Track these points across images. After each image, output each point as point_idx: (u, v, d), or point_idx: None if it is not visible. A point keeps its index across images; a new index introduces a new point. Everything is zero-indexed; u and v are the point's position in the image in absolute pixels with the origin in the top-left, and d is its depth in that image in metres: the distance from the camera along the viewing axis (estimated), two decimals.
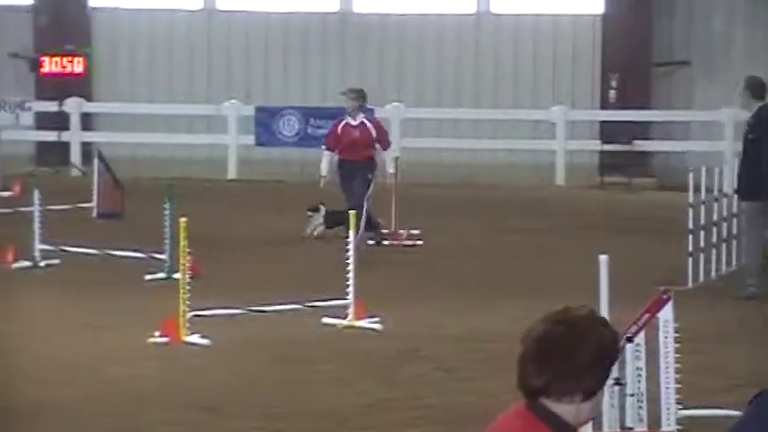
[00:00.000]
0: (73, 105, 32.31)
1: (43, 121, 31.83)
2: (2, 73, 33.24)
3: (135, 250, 19.69)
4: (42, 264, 19.29)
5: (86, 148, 31.25)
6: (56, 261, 19.44)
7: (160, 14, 34.97)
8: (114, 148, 29.41)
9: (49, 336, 14.86)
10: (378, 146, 21.28)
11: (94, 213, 24.65)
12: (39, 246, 19.39)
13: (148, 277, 18.35)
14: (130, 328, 15.05)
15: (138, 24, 34.92)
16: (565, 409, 4.67)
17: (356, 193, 20.50)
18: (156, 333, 14.55)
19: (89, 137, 32.10)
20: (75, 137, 32.25)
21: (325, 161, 21.25)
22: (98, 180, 25.01)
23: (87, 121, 32.84)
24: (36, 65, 32.33)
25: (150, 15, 34.97)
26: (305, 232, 22.37)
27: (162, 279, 18.04)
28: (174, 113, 33.27)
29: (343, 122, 21.46)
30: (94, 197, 24.96)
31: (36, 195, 19.77)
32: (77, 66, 32.84)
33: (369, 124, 21.42)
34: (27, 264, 19.23)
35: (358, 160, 20.88)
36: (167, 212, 18.60)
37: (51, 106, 31.85)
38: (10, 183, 25.42)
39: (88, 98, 33.13)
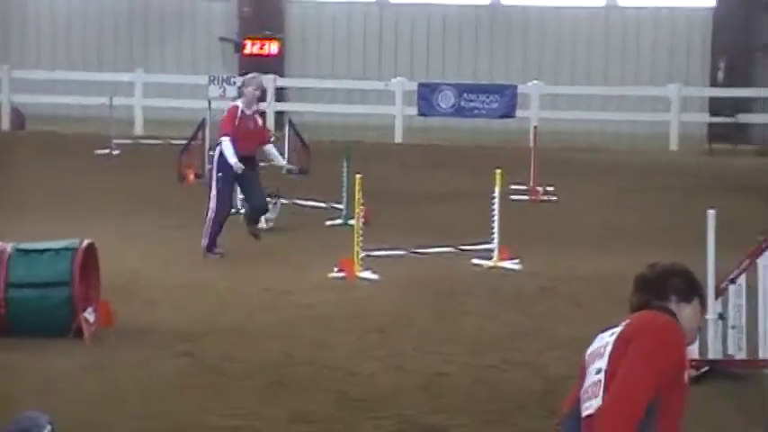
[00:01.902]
0: (269, 80, 32.58)
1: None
2: (212, 53, 33.62)
3: (318, 200, 19.86)
4: (242, 210, 19.51)
5: (279, 117, 31.51)
6: None
7: (341, 6, 35.13)
8: (302, 116, 29.63)
9: (250, 269, 15.06)
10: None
11: (284, 170, 24.82)
12: (239, 195, 19.60)
13: (329, 223, 18.51)
14: (315, 264, 15.20)
15: (322, 14, 35.12)
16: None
17: (261, 193, 16.34)
18: (335, 269, 14.68)
19: (281, 107, 32.34)
20: (270, 107, 32.52)
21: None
22: (289, 142, 25.22)
23: (280, 94, 33.09)
24: (240, 47, 32.66)
25: (333, 7, 35.14)
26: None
27: (340, 225, 18.18)
28: (352, 88, 33.42)
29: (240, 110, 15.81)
30: (285, 156, 25.14)
31: None
32: (273, 48, 33.14)
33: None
34: (231, 210, 19.48)
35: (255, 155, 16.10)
36: (345, 170, 18.73)
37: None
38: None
39: (281, 74, 33.38)
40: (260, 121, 16.23)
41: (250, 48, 32.82)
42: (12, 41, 35.26)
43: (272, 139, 16.54)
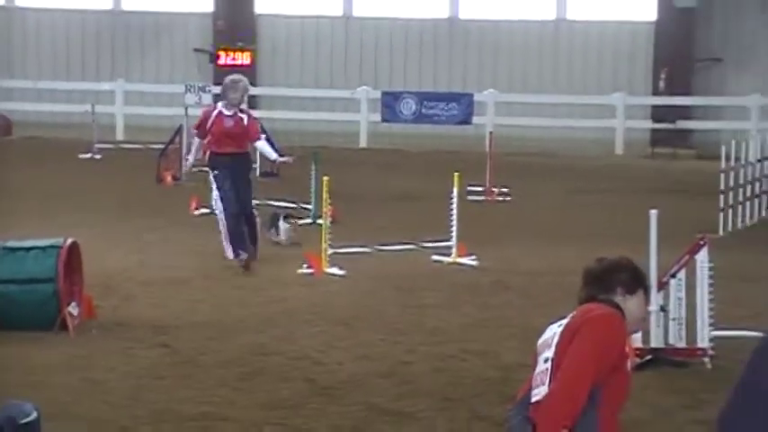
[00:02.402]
0: None
1: (218, 101, 32.02)
2: (188, 64, 33.51)
3: (289, 201, 19.81)
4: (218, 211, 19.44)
5: None
6: None
7: (309, 20, 35.06)
8: (273, 122, 29.56)
9: (224, 266, 14.98)
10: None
11: (257, 173, 24.80)
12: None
13: (299, 222, 18.45)
14: (283, 261, 15.16)
15: (292, 27, 35.04)
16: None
17: (244, 196, 15.20)
18: (304, 265, 14.64)
19: (254, 113, 32.21)
20: None
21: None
22: None
23: (252, 102, 33.00)
24: (214, 58, 32.57)
25: (301, 21, 35.06)
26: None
27: (309, 224, 18.14)
28: (319, 96, 33.38)
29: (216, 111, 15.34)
30: (257, 160, 25.09)
31: None
32: (245, 58, 33.04)
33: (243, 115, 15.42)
34: (207, 211, 19.38)
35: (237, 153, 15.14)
36: (313, 173, 18.69)
37: None
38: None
39: (253, 84, 33.24)
40: (246, 120, 15.40)
41: (224, 58, 32.72)
42: None
43: (263, 136, 16.17)
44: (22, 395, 7.86)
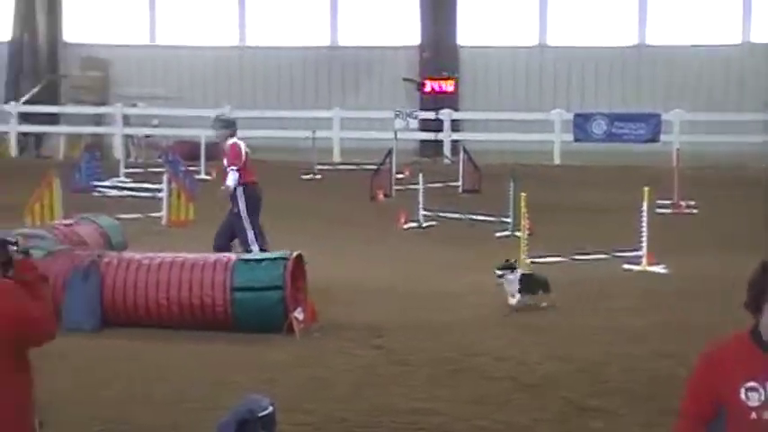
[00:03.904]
0: (445, 114, 32.64)
1: (425, 125, 32.27)
2: (397, 92, 33.85)
3: (488, 215, 19.83)
4: (425, 225, 19.61)
5: (454, 144, 31.56)
6: (434, 223, 19.75)
7: (506, 50, 35.02)
8: (474, 143, 29.58)
9: (431, 274, 15.10)
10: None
11: (460, 189, 24.91)
12: (422, 212, 19.72)
13: (498, 234, 18.45)
14: (485, 269, 15.14)
15: (490, 57, 35.05)
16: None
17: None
18: None
19: (456, 136, 32.34)
20: (446, 136, 32.58)
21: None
22: (463, 166, 25.26)
23: (455, 125, 33.12)
24: (420, 86, 32.81)
25: (499, 51, 35.04)
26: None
27: (507, 236, 18.10)
28: (516, 119, 33.23)
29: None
30: (460, 178, 25.22)
31: (420, 177, 20.12)
32: (449, 86, 33.18)
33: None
34: (414, 225, 19.59)
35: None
36: (511, 189, 18.65)
37: (430, 115, 32.26)
38: (402, 168, 25.91)
39: (456, 109, 33.43)
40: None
41: (430, 86, 32.93)
42: (233, 87, 36.06)
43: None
44: (256, 390, 8.09)
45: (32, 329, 5.12)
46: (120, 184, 25.15)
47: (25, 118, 33.58)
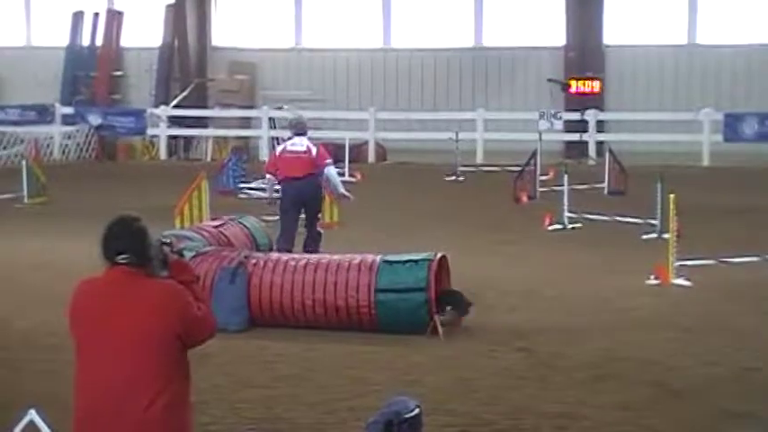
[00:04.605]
0: (591, 114, 32.27)
1: (570, 126, 31.95)
2: (542, 93, 33.58)
3: (635, 217, 19.50)
4: (569, 226, 19.40)
5: (599, 146, 31.18)
6: (579, 225, 19.52)
7: (653, 49, 34.43)
8: (620, 144, 29.13)
9: (576, 277, 14.91)
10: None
11: (606, 191, 24.57)
12: (567, 214, 19.51)
13: (644, 237, 18.12)
14: (632, 272, 14.90)
15: (637, 56, 34.52)
16: None
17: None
18: (652, 276, 14.35)
19: (602, 137, 31.95)
20: (591, 137, 32.21)
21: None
22: (608, 167, 24.92)
23: (601, 126, 32.72)
24: (566, 86, 32.51)
25: (646, 49, 34.48)
26: None
27: (654, 238, 17.77)
28: (664, 119, 32.65)
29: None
30: (605, 179, 24.89)
31: (565, 178, 19.92)
32: (595, 86, 32.80)
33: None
34: (559, 226, 19.40)
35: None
36: (658, 190, 18.30)
37: (575, 115, 31.94)
38: (547, 169, 25.68)
39: (602, 109, 33.03)
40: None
41: (575, 87, 32.61)
42: (376, 89, 36.27)
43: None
44: (400, 391, 8.09)
45: (196, 329, 5.20)
46: (265, 186, 25.48)
47: (174, 121, 34.40)
